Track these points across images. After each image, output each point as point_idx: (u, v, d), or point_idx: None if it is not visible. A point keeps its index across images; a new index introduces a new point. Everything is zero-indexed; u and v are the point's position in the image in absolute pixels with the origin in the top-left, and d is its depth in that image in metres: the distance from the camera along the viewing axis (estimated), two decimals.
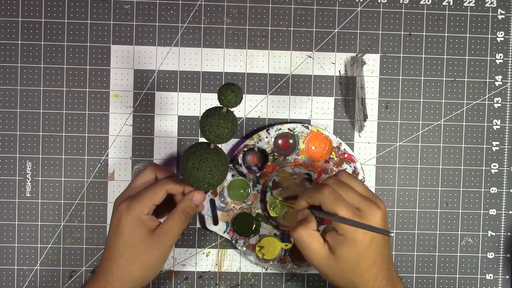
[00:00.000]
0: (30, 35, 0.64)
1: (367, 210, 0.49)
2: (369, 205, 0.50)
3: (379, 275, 0.50)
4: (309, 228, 0.51)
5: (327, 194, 0.50)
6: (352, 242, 0.49)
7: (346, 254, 0.49)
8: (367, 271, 0.50)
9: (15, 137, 0.64)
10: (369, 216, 0.49)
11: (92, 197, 0.65)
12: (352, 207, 0.49)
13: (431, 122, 0.66)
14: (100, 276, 0.52)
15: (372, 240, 0.49)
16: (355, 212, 0.49)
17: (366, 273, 0.50)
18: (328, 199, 0.50)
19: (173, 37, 0.65)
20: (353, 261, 0.49)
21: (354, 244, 0.49)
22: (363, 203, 0.50)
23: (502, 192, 0.66)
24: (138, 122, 0.65)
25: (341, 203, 0.49)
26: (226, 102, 0.46)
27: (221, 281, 0.65)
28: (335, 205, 0.49)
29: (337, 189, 0.51)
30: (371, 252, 0.49)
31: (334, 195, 0.50)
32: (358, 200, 0.50)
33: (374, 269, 0.50)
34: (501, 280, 0.67)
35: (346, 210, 0.49)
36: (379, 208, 0.50)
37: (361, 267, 0.50)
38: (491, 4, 0.66)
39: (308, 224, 0.51)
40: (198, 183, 0.50)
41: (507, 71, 0.66)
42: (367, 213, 0.49)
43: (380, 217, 0.49)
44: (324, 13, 0.66)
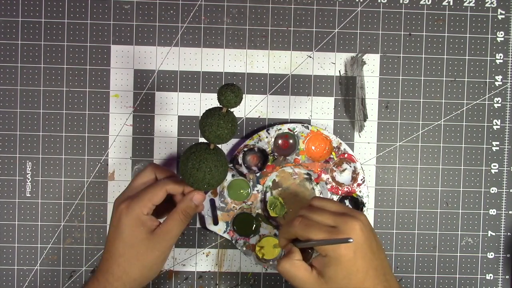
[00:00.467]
0: (30, 35, 0.64)
1: (342, 224, 0.49)
2: (344, 220, 0.49)
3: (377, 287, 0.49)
4: (292, 258, 0.51)
5: (297, 225, 0.50)
6: (336, 259, 0.48)
7: (334, 274, 0.48)
8: (361, 285, 0.48)
9: (15, 137, 0.64)
10: (347, 229, 0.48)
11: (92, 197, 0.65)
12: (325, 227, 0.49)
13: (431, 122, 0.66)
14: (100, 276, 0.52)
15: (356, 254, 0.48)
16: (330, 230, 0.49)
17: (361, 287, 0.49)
18: (300, 228, 0.50)
19: (173, 37, 0.65)
20: (343, 278, 0.48)
21: (338, 261, 0.48)
22: (338, 220, 0.49)
23: (502, 192, 0.66)
24: (138, 122, 0.65)
25: (312, 228, 0.49)
26: (226, 103, 0.46)
27: (221, 281, 0.65)
28: (307, 232, 0.49)
29: (310, 215, 0.51)
30: (360, 266, 0.48)
31: (304, 223, 0.50)
32: (332, 218, 0.50)
33: (369, 282, 0.49)
34: (501, 280, 0.67)
35: (319, 233, 0.49)
36: (356, 219, 0.49)
37: (354, 283, 0.48)
38: (491, 4, 0.66)
39: (291, 255, 0.51)
40: (198, 183, 0.50)
41: (507, 71, 0.66)
42: (344, 227, 0.49)
43: (359, 227, 0.49)
44: (324, 13, 0.66)
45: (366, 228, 0.50)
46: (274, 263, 0.63)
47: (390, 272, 0.51)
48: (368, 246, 0.49)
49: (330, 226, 0.49)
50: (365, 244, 0.49)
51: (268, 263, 0.63)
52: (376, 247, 0.50)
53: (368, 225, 0.50)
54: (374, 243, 0.50)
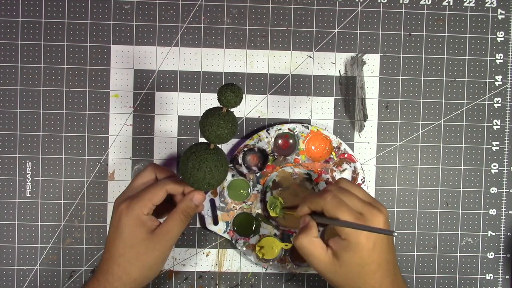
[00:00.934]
0: (30, 35, 0.64)
1: (369, 214, 0.49)
2: (371, 210, 0.50)
3: (384, 280, 0.50)
4: (310, 235, 0.51)
5: (330, 199, 0.50)
6: (356, 246, 0.49)
7: (350, 259, 0.49)
8: (372, 276, 0.50)
9: (15, 137, 0.64)
10: (372, 220, 0.49)
11: (92, 197, 0.65)
12: (354, 212, 0.49)
13: (431, 122, 0.66)
14: (100, 276, 0.52)
15: (376, 244, 0.49)
16: (358, 216, 0.49)
17: (371, 278, 0.50)
18: (331, 204, 0.50)
19: (173, 37, 0.65)
20: (357, 265, 0.49)
21: (357, 248, 0.49)
22: (365, 208, 0.50)
23: (502, 192, 0.66)
24: (138, 122, 0.65)
25: (344, 208, 0.49)
26: (226, 103, 0.46)
27: (221, 281, 0.65)
28: (338, 210, 0.49)
29: (339, 194, 0.51)
30: (375, 257, 0.49)
31: (336, 200, 0.50)
32: (360, 205, 0.50)
33: (379, 274, 0.50)
34: (501, 280, 0.67)
35: (348, 215, 0.49)
36: (381, 212, 0.50)
37: (366, 271, 0.49)
38: (491, 4, 0.66)
39: (309, 231, 0.51)
40: (198, 183, 0.50)
41: (507, 71, 0.66)
42: (370, 217, 0.49)
43: (383, 221, 0.49)
44: (324, 13, 0.66)
45: (388, 222, 0.51)
46: (274, 263, 0.63)
47: (398, 268, 0.53)
48: (387, 240, 0.50)
49: (357, 212, 0.50)
50: (384, 238, 0.50)
51: (268, 263, 0.63)
52: (391, 242, 0.51)
53: (388, 219, 0.52)
54: (391, 238, 0.51)
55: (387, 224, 0.50)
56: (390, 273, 0.51)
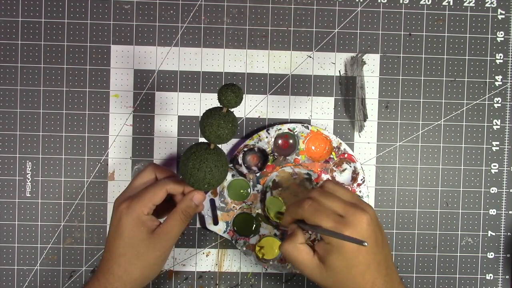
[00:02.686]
0: (30, 35, 0.64)
1: (351, 216, 0.49)
2: (353, 211, 0.49)
3: (376, 281, 0.49)
4: (295, 241, 0.51)
5: (307, 208, 0.50)
6: (339, 249, 0.48)
7: (335, 263, 0.49)
8: (361, 277, 0.49)
9: (15, 137, 0.64)
10: (354, 221, 0.48)
11: (92, 197, 0.65)
12: (333, 216, 0.49)
13: (431, 122, 0.66)
14: (101, 276, 0.52)
15: (360, 247, 0.48)
16: (338, 220, 0.48)
17: (360, 280, 0.49)
18: (308, 212, 0.50)
19: (173, 37, 0.65)
20: (344, 268, 0.49)
21: (341, 251, 0.48)
22: (347, 210, 0.49)
23: (502, 192, 0.66)
24: (138, 122, 0.65)
25: (321, 214, 0.49)
26: (227, 103, 0.46)
27: (221, 281, 0.65)
28: (315, 217, 0.49)
29: (320, 199, 0.50)
30: (362, 258, 0.49)
31: (314, 207, 0.50)
32: (342, 207, 0.50)
33: (369, 275, 0.49)
34: (501, 280, 0.67)
35: (326, 220, 0.49)
36: (364, 213, 0.49)
37: (354, 274, 0.49)
38: (491, 4, 0.66)
39: (294, 237, 0.51)
40: (198, 183, 0.50)
41: (507, 71, 0.66)
42: (351, 219, 0.48)
43: (366, 221, 0.49)
44: (324, 13, 0.66)
45: (373, 222, 0.50)
46: (274, 263, 0.63)
47: (393, 267, 0.52)
48: (374, 240, 0.49)
49: (338, 214, 0.49)
50: (370, 238, 0.49)
51: (268, 263, 0.63)
52: (381, 241, 0.50)
53: (375, 218, 0.51)
54: (380, 237, 0.50)
55: (372, 224, 0.49)
56: (381, 274, 0.50)
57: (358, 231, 0.48)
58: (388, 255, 0.51)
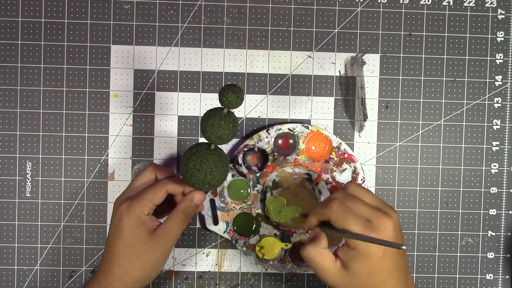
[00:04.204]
0: (30, 35, 0.64)
1: (378, 221, 0.48)
2: (379, 216, 0.48)
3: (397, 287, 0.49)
4: (319, 246, 0.50)
5: (335, 209, 0.49)
6: (365, 255, 0.47)
7: (360, 268, 0.48)
8: (382, 284, 0.48)
9: (15, 137, 0.64)
10: (380, 227, 0.47)
11: (92, 197, 0.65)
12: (362, 220, 0.48)
13: (431, 122, 0.66)
14: (101, 276, 0.52)
15: (386, 253, 0.48)
16: (366, 224, 0.48)
17: (381, 287, 0.48)
18: (337, 214, 0.48)
19: (173, 37, 0.65)
20: (367, 275, 0.48)
21: (367, 257, 0.47)
22: (373, 214, 0.48)
23: (502, 192, 0.67)
24: (138, 122, 0.65)
25: (350, 217, 0.48)
26: (227, 103, 0.46)
27: (221, 281, 0.65)
28: (344, 220, 0.48)
29: (346, 202, 0.49)
30: (386, 265, 0.48)
31: (342, 209, 0.48)
32: (368, 211, 0.49)
33: (390, 282, 0.48)
34: (501, 280, 0.67)
35: (355, 224, 0.47)
36: (389, 218, 0.48)
37: (376, 280, 0.48)
38: (491, 4, 0.66)
39: (318, 242, 0.50)
40: (199, 183, 0.50)
41: (507, 71, 0.66)
42: (378, 224, 0.48)
43: (392, 227, 0.48)
44: (324, 13, 0.66)
45: (397, 227, 0.49)
46: (274, 263, 0.63)
47: (409, 274, 0.51)
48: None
49: (365, 218, 0.48)
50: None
51: (268, 263, 0.63)
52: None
53: (399, 223, 0.50)
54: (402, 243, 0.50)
55: (397, 229, 0.49)
56: (401, 281, 0.49)
57: (384, 236, 0.47)
58: (406, 262, 0.51)
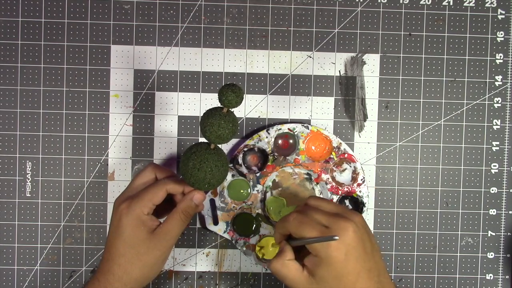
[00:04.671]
0: (30, 35, 0.64)
1: (336, 225, 0.48)
2: (336, 221, 0.49)
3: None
4: (283, 258, 0.51)
5: (292, 221, 0.50)
6: (328, 260, 0.48)
7: (325, 274, 0.48)
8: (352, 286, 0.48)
9: (15, 137, 0.64)
10: (339, 230, 0.48)
11: (92, 197, 0.65)
12: (318, 226, 0.49)
13: (431, 122, 0.66)
14: (101, 276, 0.52)
15: (348, 254, 0.47)
16: (323, 230, 0.48)
17: None
18: (293, 225, 0.50)
19: (173, 37, 0.65)
20: (334, 279, 0.48)
21: (329, 262, 0.48)
22: (330, 220, 0.49)
23: (502, 192, 0.66)
24: (138, 122, 0.65)
25: (305, 226, 0.49)
26: (227, 103, 0.46)
27: (221, 281, 0.65)
28: (300, 229, 0.49)
29: (302, 213, 0.51)
30: (351, 267, 0.48)
31: (298, 220, 0.50)
32: (326, 218, 0.49)
33: (360, 284, 0.48)
34: (501, 280, 0.67)
35: (312, 231, 0.48)
36: (349, 221, 0.48)
37: (344, 284, 0.48)
38: (491, 4, 0.66)
39: (282, 255, 0.51)
40: (199, 183, 0.50)
41: (507, 71, 0.66)
42: (336, 228, 0.48)
43: (352, 229, 0.48)
44: (324, 13, 0.66)
45: (360, 229, 0.49)
46: None
47: (385, 274, 0.51)
48: (362, 247, 0.48)
49: (323, 225, 0.49)
50: (358, 246, 0.48)
51: (268, 263, 0.63)
52: (370, 248, 0.49)
53: (363, 226, 0.50)
54: (369, 244, 0.49)
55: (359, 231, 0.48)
56: (373, 281, 0.49)
57: (345, 239, 0.47)
58: (379, 261, 0.50)
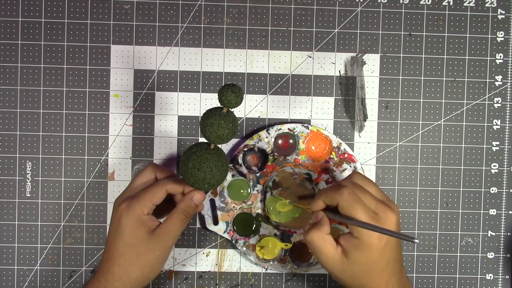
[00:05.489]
0: (30, 35, 0.64)
1: (383, 214, 0.49)
2: (384, 209, 0.49)
3: (391, 279, 0.50)
4: (322, 231, 0.50)
5: (346, 195, 0.49)
6: (367, 246, 0.48)
7: (360, 258, 0.49)
8: (379, 275, 0.49)
9: (15, 137, 0.64)
10: (386, 220, 0.48)
11: (92, 197, 0.65)
12: (369, 211, 0.48)
13: (431, 122, 0.66)
14: (101, 276, 0.52)
15: (387, 244, 0.49)
16: (372, 216, 0.48)
17: (378, 277, 0.50)
18: (347, 201, 0.49)
19: (173, 37, 0.65)
20: (366, 264, 0.49)
21: (369, 248, 0.48)
22: (379, 207, 0.49)
23: (502, 192, 0.66)
24: (138, 122, 0.65)
25: (359, 206, 0.48)
26: (227, 103, 0.46)
27: (221, 281, 0.65)
28: (354, 208, 0.48)
29: (355, 190, 0.50)
30: (385, 257, 0.49)
31: (353, 197, 0.49)
32: (374, 203, 0.49)
33: (386, 273, 0.50)
34: (501, 280, 0.67)
35: (364, 214, 0.48)
36: (393, 212, 0.49)
37: (374, 270, 0.49)
38: (491, 4, 0.66)
39: (321, 227, 0.51)
40: (199, 183, 0.50)
41: (507, 71, 0.66)
42: (383, 217, 0.48)
43: (395, 221, 0.49)
44: (324, 13, 0.66)
45: (399, 221, 0.50)
46: (274, 263, 0.63)
47: (403, 267, 0.53)
48: (397, 240, 0.50)
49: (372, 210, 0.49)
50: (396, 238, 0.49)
51: (268, 263, 0.63)
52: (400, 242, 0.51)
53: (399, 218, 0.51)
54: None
55: (399, 223, 0.50)
56: (396, 272, 0.51)
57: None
58: (402, 255, 0.52)
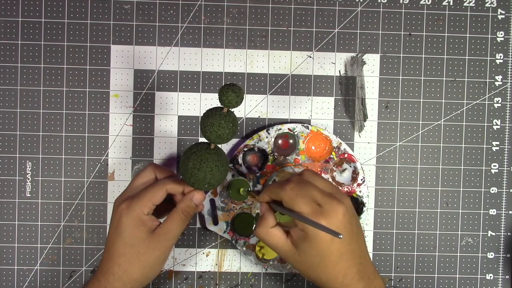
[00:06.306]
0: (30, 35, 0.64)
1: (328, 206, 0.49)
2: (330, 201, 0.49)
3: (349, 270, 0.49)
4: (266, 226, 0.51)
5: (288, 191, 0.50)
6: (314, 238, 0.48)
7: (308, 250, 0.49)
8: (333, 267, 0.49)
9: (15, 137, 0.64)
10: (330, 212, 0.48)
11: (92, 197, 0.65)
12: (312, 204, 0.49)
13: (431, 122, 0.66)
14: (101, 276, 0.52)
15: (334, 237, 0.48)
16: (316, 208, 0.49)
17: (332, 269, 0.49)
18: (289, 196, 0.50)
19: (173, 37, 0.65)
20: (316, 256, 0.49)
21: (315, 240, 0.48)
22: (324, 200, 0.49)
23: (502, 192, 0.66)
24: (138, 122, 0.65)
25: (301, 200, 0.49)
26: (227, 103, 0.46)
27: (221, 281, 0.65)
28: (294, 202, 0.49)
29: (299, 186, 0.50)
30: (335, 248, 0.49)
31: (295, 192, 0.50)
32: (320, 196, 0.50)
33: (341, 265, 0.49)
34: (501, 280, 0.67)
35: (305, 207, 0.49)
36: (340, 203, 0.49)
37: (326, 262, 0.49)
38: (491, 4, 0.66)
39: (265, 222, 0.51)
40: (199, 183, 0.50)
41: (507, 71, 0.66)
42: (328, 208, 0.49)
43: (342, 212, 0.49)
44: (324, 13, 0.66)
45: (348, 212, 0.50)
46: (274, 263, 0.63)
47: (367, 256, 0.52)
48: (349, 230, 0.49)
49: (316, 203, 0.49)
50: (345, 229, 0.49)
51: (268, 263, 0.63)
52: (356, 232, 0.50)
53: (351, 209, 0.51)
54: (355, 227, 0.50)
55: (348, 214, 0.49)
56: (355, 262, 0.50)
57: (334, 222, 0.48)
58: (362, 244, 0.51)
